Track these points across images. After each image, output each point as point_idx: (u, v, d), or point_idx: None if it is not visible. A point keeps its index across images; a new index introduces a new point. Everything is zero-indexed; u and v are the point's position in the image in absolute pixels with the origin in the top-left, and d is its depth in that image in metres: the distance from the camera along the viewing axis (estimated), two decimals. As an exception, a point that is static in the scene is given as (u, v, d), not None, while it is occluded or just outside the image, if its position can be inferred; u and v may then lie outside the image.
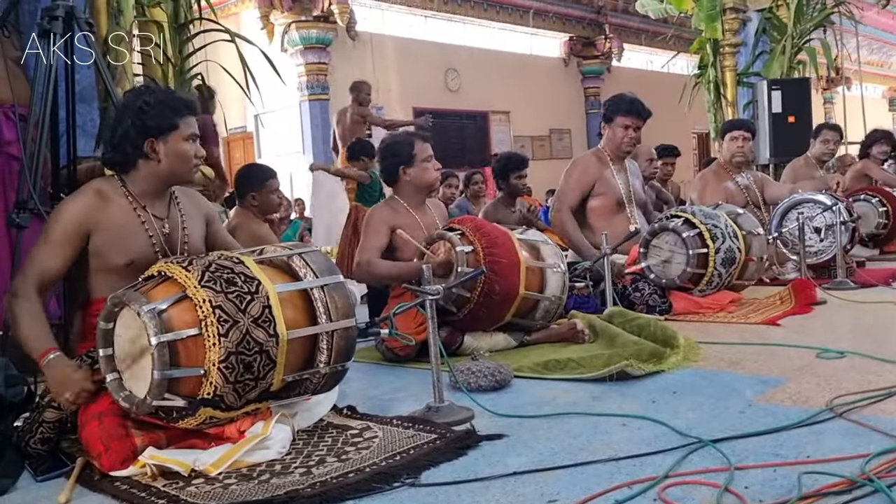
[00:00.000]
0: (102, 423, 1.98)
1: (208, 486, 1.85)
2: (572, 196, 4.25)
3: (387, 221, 3.42)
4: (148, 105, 2.22)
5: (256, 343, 1.97)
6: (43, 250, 2.19)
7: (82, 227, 2.20)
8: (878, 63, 22.20)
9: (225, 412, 1.99)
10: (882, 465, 1.65)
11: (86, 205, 2.23)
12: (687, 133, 16.48)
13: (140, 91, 2.36)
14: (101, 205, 2.24)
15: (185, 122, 2.27)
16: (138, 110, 2.22)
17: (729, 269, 3.82)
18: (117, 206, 2.27)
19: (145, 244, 2.28)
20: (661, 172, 7.10)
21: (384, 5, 12.73)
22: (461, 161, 12.42)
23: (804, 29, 8.38)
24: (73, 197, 2.30)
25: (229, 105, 6.47)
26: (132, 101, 2.26)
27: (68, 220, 2.20)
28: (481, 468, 1.86)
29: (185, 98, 2.35)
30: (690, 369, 2.68)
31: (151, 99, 2.24)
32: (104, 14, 3.38)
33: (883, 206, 5.67)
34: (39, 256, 2.18)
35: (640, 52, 17.54)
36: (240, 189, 3.94)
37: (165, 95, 2.31)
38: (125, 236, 2.25)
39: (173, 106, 2.26)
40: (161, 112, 2.23)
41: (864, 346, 2.81)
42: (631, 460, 1.83)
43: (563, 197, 4.28)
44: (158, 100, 2.25)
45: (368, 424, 2.25)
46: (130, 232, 2.26)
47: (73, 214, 2.21)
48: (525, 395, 2.52)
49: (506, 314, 3.13)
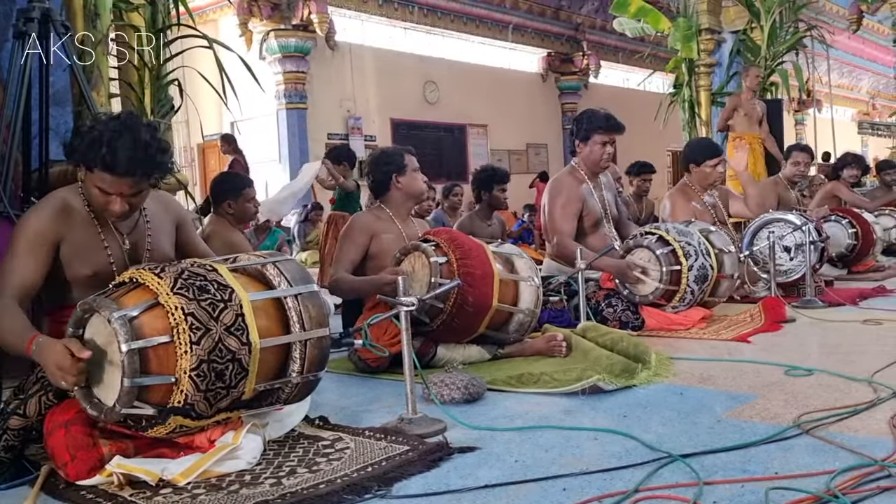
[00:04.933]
0: (69, 432, 1.94)
1: (176, 496, 1.83)
2: (570, 225, 4.13)
3: (367, 228, 3.44)
4: (105, 146, 2.07)
5: (229, 351, 1.95)
6: (14, 263, 2.13)
7: (48, 237, 2.16)
8: (847, 86, 22.68)
9: (195, 421, 1.97)
10: (847, 482, 1.67)
11: (50, 216, 2.18)
12: (661, 151, 16.67)
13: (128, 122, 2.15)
14: (65, 217, 2.20)
15: (108, 178, 2.11)
16: (98, 139, 2.07)
17: (701, 286, 3.86)
18: (80, 217, 2.23)
19: (104, 260, 2.25)
20: (637, 189, 7.20)
21: (364, 16, 12.76)
22: (438, 173, 12.46)
23: (777, 51, 8.56)
24: (37, 208, 2.23)
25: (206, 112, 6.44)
26: (110, 125, 2.11)
27: (34, 232, 2.15)
28: (453, 481, 1.86)
29: (131, 157, 2.10)
30: (662, 384, 2.71)
31: (110, 143, 2.07)
32: (80, 17, 3.35)
33: (853, 227, 5.78)
34: (12, 269, 2.12)
35: (616, 70, 17.75)
36: (215, 196, 3.92)
37: (127, 148, 2.08)
38: (87, 249, 2.22)
39: (111, 161, 2.07)
40: (100, 156, 2.07)
41: (831, 364, 2.86)
42: (602, 474, 1.84)
43: (561, 228, 4.12)
44: (113, 147, 2.07)
45: (340, 435, 2.24)
46: (91, 247, 2.23)
47: (38, 226, 2.16)
48: (498, 407, 2.52)
49: (479, 326, 3.13)
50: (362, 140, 12.39)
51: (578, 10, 16.16)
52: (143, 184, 2.17)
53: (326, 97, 12.19)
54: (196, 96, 4.41)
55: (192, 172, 12.49)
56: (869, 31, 16.79)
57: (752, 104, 7.62)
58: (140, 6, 3.74)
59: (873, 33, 17.53)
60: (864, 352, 3.07)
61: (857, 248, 5.78)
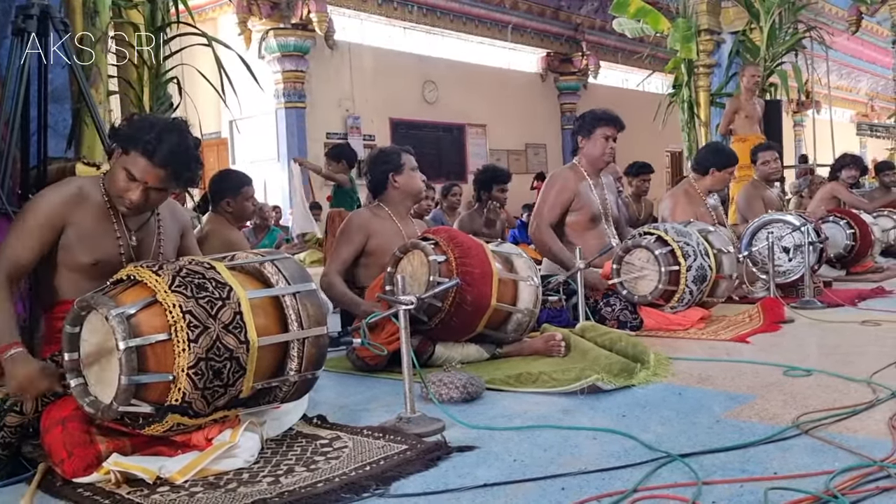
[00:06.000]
0: (66, 429, 1.94)
1: (174, 494, 1.83)
2: (552, 213, 4.18)
3: (364, 226, 3.45)
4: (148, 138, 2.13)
5: (227, 349, 1.94)
6: (16, 238, 2.15)
7: (54, 220, 2.17)
8: (846, 88, 22.70)
9: (193, 419, 1.96)
10: (846, 482, 1.67)
11: (64, 198, 2.21)
12: (660, 151, 16.70)
13: (182, 129, 2.22)
14: (79, 201, 2.22)
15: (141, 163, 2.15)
16: (141, 127, 2.16)
17: (700, 286, 3.86)
18: (94, 205, 2.24)
19: (113, 247, 2.26)
20: (636, 189, 7.20)
21: (363, 15, 12.75)
22: (437, 173, 12.46)
23: (776, 52, 8.56)
24: (53, 188, 2.27)
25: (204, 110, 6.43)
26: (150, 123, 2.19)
27: (42, 213, 2.17)
28: (451, 480, 1.86)
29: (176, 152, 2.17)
30: (660, 384, 2.70)
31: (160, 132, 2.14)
32: (80, 14, 3.34)
33: (851, 228, 5.78)
34: (12, 245, 2.15)
35: (616, 70, 17.75)
36: (214, 195, 3.90)
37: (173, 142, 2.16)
38: (95, 236, 2.23)
39: (154, 147, 2.13)
40: (147, 143, 2.13)
41: (830, 364, 2.86)
42: (600, 474, 1.83)
43: (543, 213, 4.22)
44: (160, 137, 2.13)
45: (338, 434, 2.23)
46: (101, 233, 2.24)
47: (50, 205, 2.18)
48: (496, 407, 2.52)
49: (477, 325, 3.13)
50: (361, 139, 12.38)
51: (578, 11, 16.17)
52: (170, 182, 2.19)
53: (325, 96, 12.19)
54: (195, 94, 4.40)
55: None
56: (868, 33, 16.81)
57: (752, 105, 7.62)
58: (139, 4, 3.74)
59: (872, 35, 17.55)
60: (862, 352, 3.06)
61: (855, 248, 5.78)
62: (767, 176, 5.80)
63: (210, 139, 12.47)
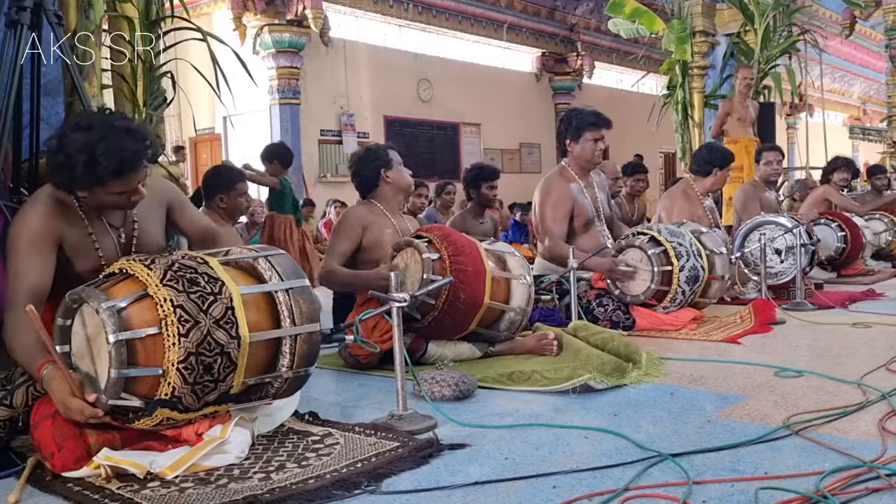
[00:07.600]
0: (56, 423, 1.93)
1: (164, 489, 1.82)
2: (560, 227, 4.11)
3: (360, 220, 3.46)
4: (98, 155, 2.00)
5: (217, 344, 1.94)
6: (21, 266, 2.07)
7: (50, 235, 2.11)
8: (839, 91, 22.79)
9: (183, 414, 1.95)
10: (836, 483, 1.68)
11: (48, 213, 2.13)
12: (654, 152, 16.73)
13: (99, 126, 2.05)
14: (61, 213, 2.15)
15: (121, 182, 2.07)
16: (90, 159, 2.00)
17: (692, 286, 3.87)
18: (72, 216, 2.18)
19: (95, 260, 2.20)
20: (631, 189, 7.21)
21: (358, 12, 12.72)
22: (431, 171, 12.45)
23: (770, 55, 8.57)
24: (31, 207, 2.15)
25: (198, 105, 6.39)
26: (85, 140, 2.01)
27: (36, 232, 2.09)
28: (443, 477, 1.86)
29: (132, 152, 2.06)
30: (652, 384, 2.71)
31: (105, 154, 2.00)
32: (74, 7, 3.31)
33: (842, 230, 5.80)
34: (20, 273, 2.07)
35: (610, 71, 17.77)
36: (207, 190, 3.89)
37: (120, 147, 2.03)
38: (81, 248, 2.18)
39: (118, 167, 2.03)
40: (105, 169, 2.01)
41: (820, 365, 2.87)
42: (592, 472, 1.84)
43: (552, 230, 4.10)
44: (110, 155, 2.00)
45: (330, 431, 2.23)
46: (84, 245, 2.19)
47: (38, 225, 2.10)
48: (488, 405, 2.52)
49: (470, 323, 3.13)
50: (355, 136, 12.36)
51: (573, 11, 16.18)
52: (144, 170, 2.11)
53: (320, 93, 12.15)
54: (189, 89, 4.38)
55: (185, 166, 12.43)
56: (861, 37, 16.86)
57: (745, 107, 7.64)
58: (134, -3, 3.71)
59: (866, 39, 17.62)
60: (853, 354, 3.08)
61: (846, 251, 5.80)
62: (768, 177, 5.83)
63: (204, 135, 12.43)
